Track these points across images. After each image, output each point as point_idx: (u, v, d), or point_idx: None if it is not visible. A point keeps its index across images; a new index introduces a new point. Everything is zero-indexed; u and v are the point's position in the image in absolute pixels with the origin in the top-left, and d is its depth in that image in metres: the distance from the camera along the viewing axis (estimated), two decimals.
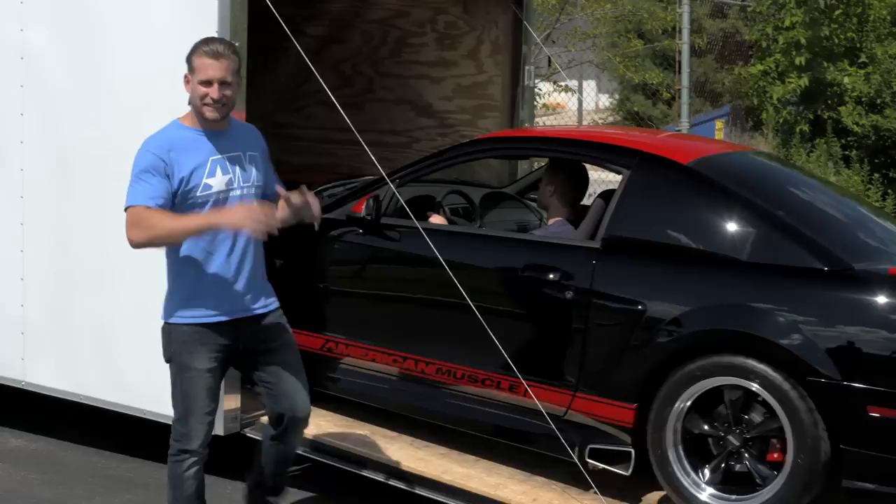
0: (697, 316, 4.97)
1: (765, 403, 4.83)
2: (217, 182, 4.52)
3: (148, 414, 6.03)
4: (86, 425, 6.77)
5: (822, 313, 4.80)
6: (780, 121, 12.19)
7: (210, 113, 4.51)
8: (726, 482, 4.96)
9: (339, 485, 5.93)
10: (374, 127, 7.91)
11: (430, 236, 5.36)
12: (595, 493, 5.14)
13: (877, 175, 11.74)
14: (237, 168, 4.58)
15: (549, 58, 13.42)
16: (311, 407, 5.99)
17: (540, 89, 13.46)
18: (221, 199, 4.52)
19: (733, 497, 4.94)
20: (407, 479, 5.43)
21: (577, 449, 5.21)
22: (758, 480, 4.87)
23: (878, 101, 12.03)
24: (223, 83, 4.49)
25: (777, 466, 4.83)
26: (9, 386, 6.64)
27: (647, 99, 20.98)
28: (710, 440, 5.01)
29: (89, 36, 6.15)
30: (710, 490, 4.97)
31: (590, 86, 21.14)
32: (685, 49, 11.59)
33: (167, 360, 4.70)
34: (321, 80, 5.68)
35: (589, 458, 5.20)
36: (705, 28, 17.39)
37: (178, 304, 4.62)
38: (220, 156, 4.55)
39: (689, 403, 4.98)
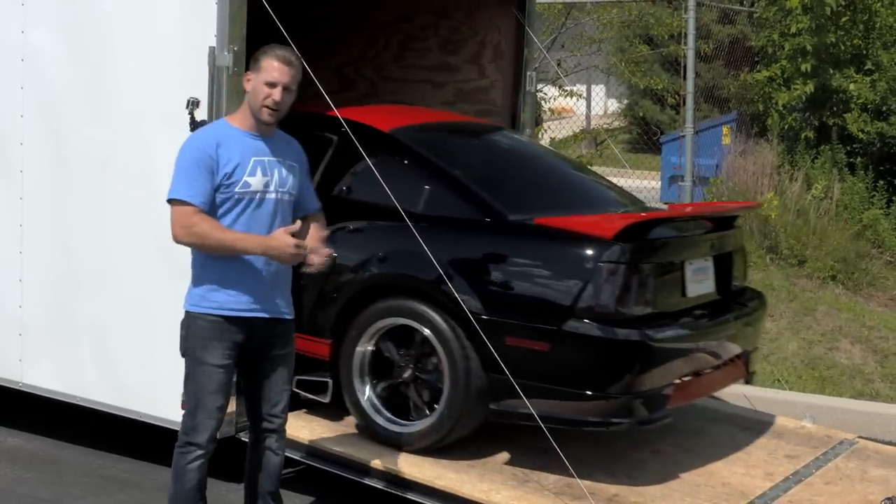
0: (373, 263, 5.76)
1: (428, 338, 5.57)
2: (256, 181, 4.63)
3: (144, 416, 6.05)
4: (83, 425, 6.80)
5: (476, 258, 5.53)
6: (785, 127, 12.17)
7: (267, 116, 4.65)
8: (404, 409, 5.75)
9: (332, 489, 5.94)
10: None
11: None
12: (589, 499, 5.16)
13: (881, 182, 11.71)
14: (276, 172, 4.70)
15: (558, 62, 13.44)
16: (306, 414, 6.08)
17: (545, 94, 13.46)
18: (258, 200, 4.65)
19: (406, 421, 5.72)
20: (400, 484, 5.44)
21: None
22: (428, 403, 5.66)
23: (884, 108, 12.00)
24: (286, 89, 4.64)
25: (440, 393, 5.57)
26: (6, 387, 6.67)
27: (654, 104, 20.94)
28: (389, 372, 5.79)
29: (90, 38, 6.18)
30: (387, 414, 5.74)
31: (599, 90, 21.12)
32: (690, 55, 11.57)
33: (183, 354, 4.75)
34: (318, 84, 5.70)
35: (296, 388, 5.72)
36: (714, 34, 17.36)
37: (201, 294, 4.67)
38: (261, 157, 4.68)
39: (372, 339, 5.77)
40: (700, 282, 5.90)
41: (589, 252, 5.31)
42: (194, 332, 4.69)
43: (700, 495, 5.39)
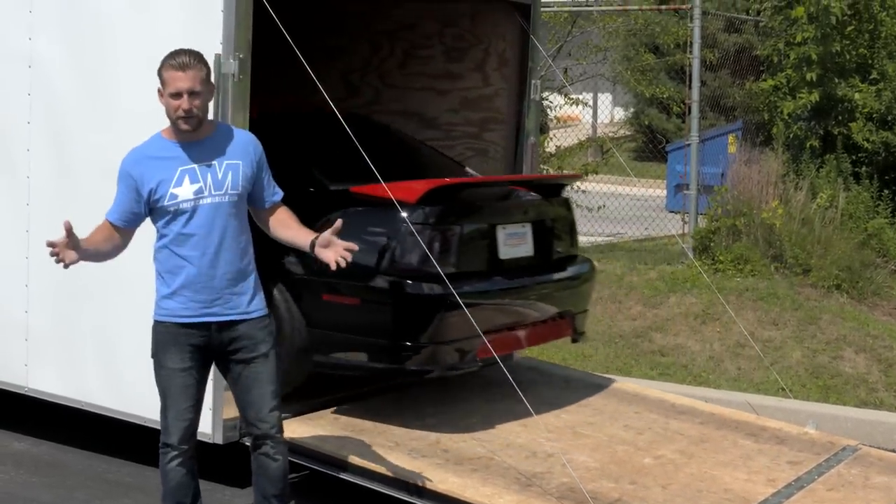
0: None
1: None
2: (184, 191, 4.66)
3: (149, 422, 6.06)
4: (87, 430, 6.82)
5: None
6: (791, 136, 12.17)
7: (184, 125, 4.67)
8: None
9: (337, 493, 5.96)
10: None
11: None
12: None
13: (886, 192, 11.70)
14: (209, 176, 4.69)
15: (565, 69, 13.46)
16: (310, 415, 6.11)
17: (551, 102, 13.48)
18: (191, 209, 4.67)
19: None
20: (402, 489, 5.46)
21: None
22: None
23: (889, 117, 11.98)
24: (192, 93, 4.63)
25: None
26: (12, 391, 6.70)
27: (660, 113, 20.97)
28: None
29: (96, 45, 6.22)
30: None
31: (605, 99, 21.17)
32: (696, 63, 11.59)
33: (151, 356, 4.87)
34: (323, 91, 5.74)
35: None
36: (719, 42, 17.38)
37: (157, 302, 4.82)
38: (190, 165, 4.69)
39: None
40: (515, 245, 6.52)
41: (394, 215, 5.89)
42: (154, 337, 4.84)
43: (702, 501, 5.41)
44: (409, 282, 5.91)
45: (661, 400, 7.16)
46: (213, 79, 4.85)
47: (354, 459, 5.64)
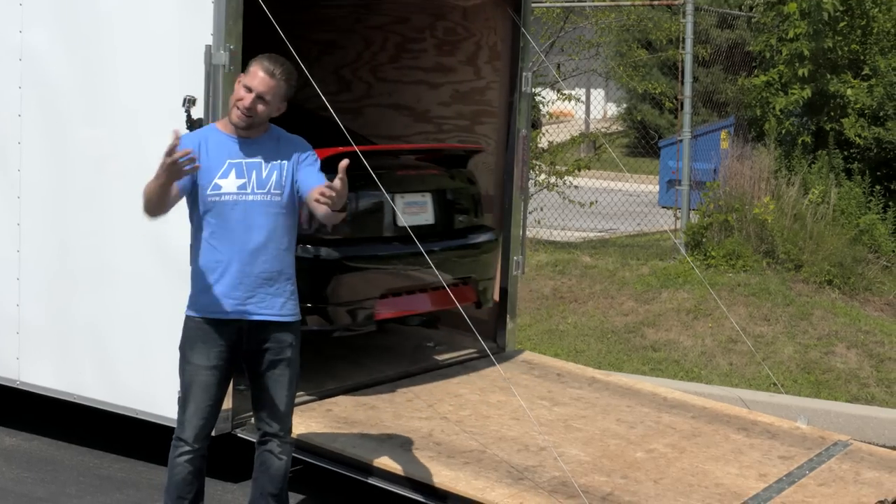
0: None
1: None
2: (228, 184, 4.67)
3: (141, 414, 6.08)
4: (79, 425, 6.82)
5: None
6: (783, 132, 12.17)
7: (236, 116, 4.69)
8: None
9: (327, 485, 5.96)
10: (372, 132, 7.96)
11: None
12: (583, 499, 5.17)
13: (878, 187, 11.71)
14: (254, 173, 4.70)
15: (558, 65, 13.45)
16: (302, 407, 6.10)
17: (544, 98, 13.47)
18: (232, 202, 4.66)
19: None
20: (394, 481, 5.46)
21: None
22: None
23: (881, 113, 11.98)
24: (260, 97, 4.65)
25: None
26: (4, 385, 6.69)
27: (653, 108, 20.97)
28: None
29: (87, 38, 6.20)
30: None
31: (598, 94, 21.18)
32: (688, 59, 11.59)
33: (179, 349, 4.85)
34: (315, 86, 5.73)
35: None
36: (712, 38, 17.38)
37: (190, 297, 4.79)
38: (239, 160, 4.71)
39: None
40: (415, 214, 6.84)
41: None
42: (185, 332, 4.81)
43: (693, 495, 5.41)
44: (308, 246, 6.14)
45: (654, 394, 7.16)
46: (213, 75, 4.85)
47: (347, 452, 5.64)
